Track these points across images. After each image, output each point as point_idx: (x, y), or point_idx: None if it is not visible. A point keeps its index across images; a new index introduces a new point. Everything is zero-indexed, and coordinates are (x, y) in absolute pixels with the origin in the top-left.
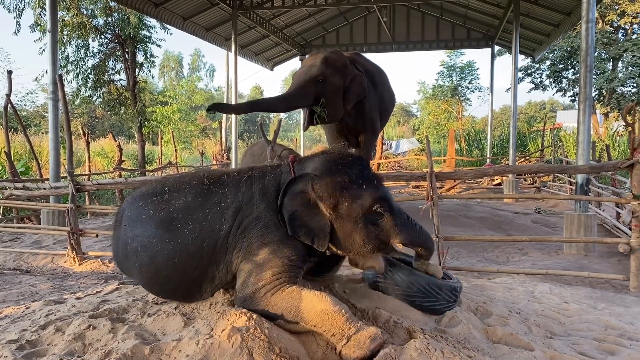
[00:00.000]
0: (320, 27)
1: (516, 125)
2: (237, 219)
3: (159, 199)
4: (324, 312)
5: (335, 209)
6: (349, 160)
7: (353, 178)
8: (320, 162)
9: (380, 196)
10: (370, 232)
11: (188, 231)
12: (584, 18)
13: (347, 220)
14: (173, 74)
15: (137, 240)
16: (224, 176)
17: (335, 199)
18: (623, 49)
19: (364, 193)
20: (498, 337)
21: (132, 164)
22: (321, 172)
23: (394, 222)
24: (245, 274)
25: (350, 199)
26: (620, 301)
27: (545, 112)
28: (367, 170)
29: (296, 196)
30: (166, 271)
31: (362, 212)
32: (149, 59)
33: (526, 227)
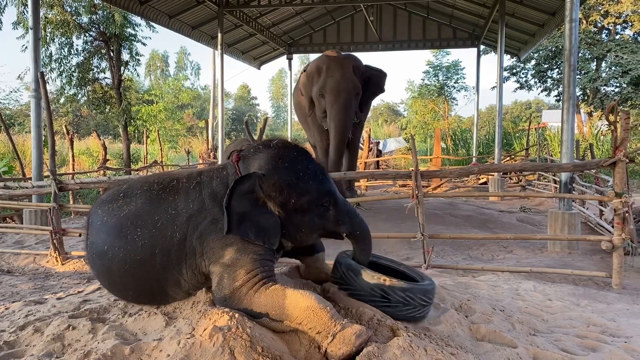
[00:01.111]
0: (307, 26)
1: (502, 125)
2: (190, 226)
3: (113, 205)
4: (309, 309)
5: (283, 207)
6: (295, 155)
7: (299, 174)
8: (266, 159)
9: (325, 191)
10: (317, 224)
11: (137, 238)
12: (568, 18)
13: (295, 216)
14: (159, 73)
15: (94, 247)
16: (174, 182)
17: (284, 197)
18: (606, 49)
19: (310, 189)
20: (482, 334)
21: (117, 163)
22: (267, 170)
23: (338, 214)
24: (217, 277)
25: (298, 195)
26: (602, 298)
27: (531, 111)
28: (312, 165)
29: (243, 197)
30: (121, 278)
31: (310, 206)
32: (135, 57)
33: (511, 225)
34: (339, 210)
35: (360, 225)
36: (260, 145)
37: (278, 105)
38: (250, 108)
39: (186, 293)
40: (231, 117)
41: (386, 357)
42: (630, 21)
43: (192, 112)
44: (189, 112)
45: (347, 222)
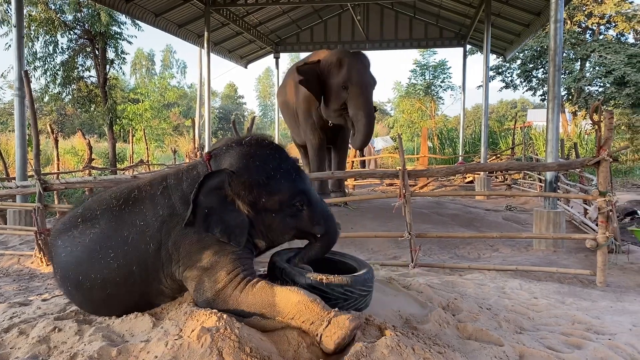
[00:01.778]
0: (294, 24)
1: (488, 124)
2: (163, 233)
3: (74, 232)
4: (301, 303)
5: (252, 206)
6: (267, 153)
7: (270, 173)
8: (237, 157)
9: (298, 190)
10: (289, 224)
11: (111, 260)
12: (553, 18)
13: (266, 216)
14: (145, 71)
15: (67, 280)
16: (134, 193)
17: (253, 196)
18: (590, 49)
19: (281, 188)
20: (469, 332)
21: (103, 162)
22: (237, 168)
23: (313, 214)
24: (195, 281)
25: (268, 194)
26: (587, 296)
27: (516, 110)
28: (285, 163)
29: (211, 192)
30: (105, 302)
31: (281, 206)
32: (120, 56)
33: (497, 224)
34: (314, 211)
35: (333, 228)
36: (233, 142)
37: (265, 104)
38: (237, 107)
39: (172, 298)
40: (218, 116)
41: (374, 356)
42: (614, 22)
43: (179, 110)
44: (176, 110)
45: (322, 224)
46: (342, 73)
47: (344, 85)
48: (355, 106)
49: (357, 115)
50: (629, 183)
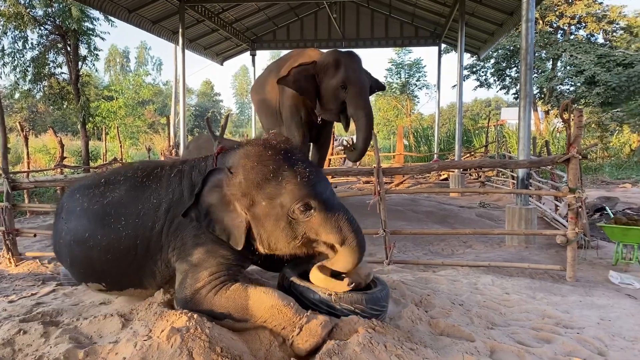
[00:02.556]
0: (270, 22)
1: (462, 122)
2: (168, 217)
3: (94, 191)
4: (273, 307)
5: (251, 209)
6: (269, 154)
7: (270, 175)
8: (239, 156)
9: (304, 194)
10: (294, 231)
11: (121, 227)
12: (524, 17)
13: (267, 220)
14: (119, 68)
15: (71, 233)
16: (158, 169)
17: (250, 199)
18: (562, 49)
19: (283, 191)
20: (441, 328)
21: (75, 160)
22: (236, 168)
23: (323, 222)
24: (181, 275)
25: (268, 198)
26: (557, 291)
27: (490, 109)
28: (292, 165)
29: (212, 190)
30: (101, 266)
31: (283, 211)
32: (93, 52)
33: (470, 221)
34: (326, 218)
35: (355, 240)
36: (245, 141)
37: (242, 101)
38: (214, 104)
39: (158, 286)
40: (194, 113)
41: (346, 354)
42: (584, 22)
43: (154, 108)
44: (150, 108)
45: (337, 233)
46: (340, 73)
47: (343, 85)
48: (356, 106)
49: (357, 114)
50: (598, 180)
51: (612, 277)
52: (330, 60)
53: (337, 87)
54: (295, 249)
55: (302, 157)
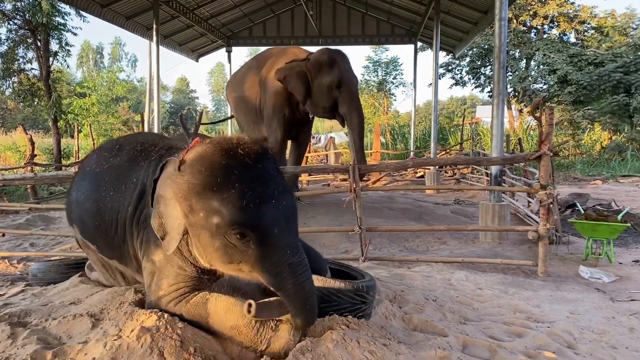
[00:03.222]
0: (246, 18)
1: (437, 120)
2: (140, 203)
3: (106, 154)
4: (233, 329)
5: (188, 215)
6: (225, 162)
7: (214, 187)
8: (194, 154)
9: (242, 220)
10: (231, 256)
11: (109, 197)
12: (497, 16)
13: (202, 233)
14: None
15: (75, 192)
16: (151, 146)
17: (189, 204)
18: (535, 48)
19: (222, 210)
20: (414, 324)
21: (47, 158)
22: (185, 167)
23: (258, 258)
24: (147, 277)
25: (206, 210)
26: (529, 286)
27: (466, 107)
28: (245, 180)
29: (164, 180)
30: (92, 231)
31: (218, 230)
32: (64, 48)
33: (445, 217)
34: (262, 255)
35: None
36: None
37: (219, 98)
38: (189, 101)
39: (135, 269)
40: (169, 110)
41: (319, 351)
42: (557, 22)
43: (128, 105)
44: (125, 105)
45: (273, 274)
46: (334, 72)
47: (338, 84)
48: (349, 105)
49: (351, 113)
50: (570, 177)
51: (582, 272)
52: (324, 59)
53: (331, 85)
54: (236, 272)
55: (267, 173)
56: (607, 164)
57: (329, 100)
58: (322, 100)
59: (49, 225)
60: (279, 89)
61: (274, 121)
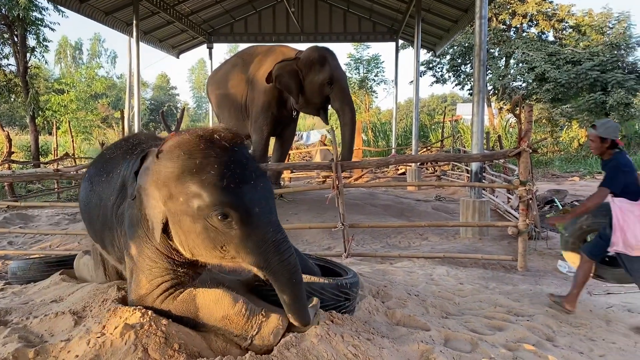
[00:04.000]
0: (227, 15)
1: (418, 117)
2: (119, 196)
3: (115, 144)
4: (225, 319)
5: (167, 202)
6: (203, 146)
7: (193, 170)
8: (171, 142)
9: (223, 200)
10: (214, 240)
11: (99, 190)
12: (478, 14)
13: (183, 219)
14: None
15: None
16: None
17: (168, 190)
18: (514, 46)
19: (202, 191)
20: (397, 319)
21: (24, 155)
22: (163, 154)
23: (243, 239)
24: (127, 274)
25: (186, 194)
26: (509, 280)
27: (447, 104)
28: (224, 163)
29: (145, 171)
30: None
31: (199, 213)
32: (42, 43)
33: (427, 214)
34: (247, 235)
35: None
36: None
37: (200, 95)
38: (170, 98)
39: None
40: (149, 107)
41: (304, 345)
42: (535, 20)
43: (107, 102)
44: (104, 101)
45: (257, 256)
46: (326, 69)
47: (330, 81)
48: (342, 101)
49: (343, 109)
50: (549, 173)
51: (560, 267)
52: (315, 57)
53: (323, 82)
54: (220, 260)
55: (243, 156)
56: (585, 160)
57: (320, 97)
58: (314, 97)
59: (28, 224)
60: (267, 87)
61: (260, 119)
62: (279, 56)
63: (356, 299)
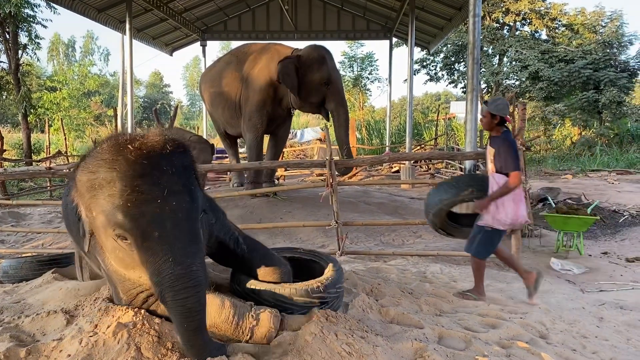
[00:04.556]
0: (221, 12)
1: (412, 115)
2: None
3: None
4: (213, 326)
5: (87, 214)
6: (114, 157)
7: (101, 184)
8: (95, 151)
9: (119, 220)
10: (125, 260)
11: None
12: (471, 12)
13: (97, 232)
14: (63, 58)
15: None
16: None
17: (84, 202)
18: (508, 45)
19: (105, 208)
20: (391, 316)
21: (16, 153)
22: (85, 161)
23: (143, 265)
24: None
25: (94, 209)
26: (502, 278)
27: (440, 102)
28: (132, 177)
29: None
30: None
31: (105, 231)
32: (34, 41)
33: (420, 212)
34: (143, 260)
35: (174, 303)
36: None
37: (193, 93)
38: (163, 96)
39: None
40: (142, 105)
41: (298, 344)
42: (529, 19)
43: (100, 99)
44: (97, 99)
45: (153, 284)
46: (324, 69)
47: (327, 82)
48: (337, 102)
49: (338, 110)
50: (541, 171)
51: (553, 264)
52: (315, 56)
53: (320, 82)
54: (139, 279)
55: (159, 170)
56: (577, 158)
57: (317, 96)
58: (311, 96)
59: (20, 222)
60: (263, 85)
61: (255, 117)
62: (274, 54)
63: (338, 298)
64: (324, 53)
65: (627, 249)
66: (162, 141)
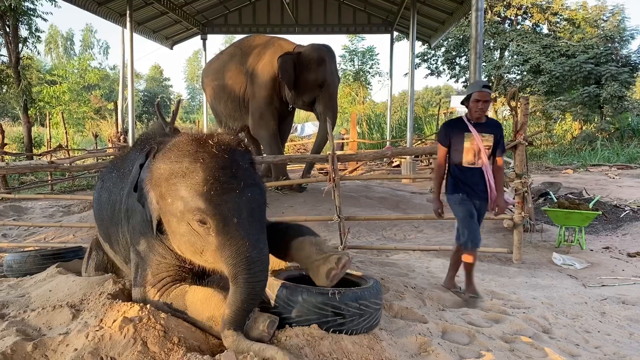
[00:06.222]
0: (222, 5)
1: (413, 110)
2: (129, 192)
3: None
4: (210, 319)
5: (159, 201)
6: (193, 150)
7: (181, 173)
8: (172, 142)
9: (202, 207)
10: (195, 243)
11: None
12: (474, 7)
13: (171, 219)
14: (62, 51)
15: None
16: (150, 140)
17: (160, 190)
18: (509, 38)
19: (185, 195)
20: (395, 311)
21: (17, 147)
22: (159, 154)
23: (219, 246)
24: (133, 267)
25: (172, 196)
26: (505, 273)
27: (441, 97)
28: (211, 169)
29: (145, 168)
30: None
31: (182, 216)
32: (34, 34)
33: (422, 206)
34: (223, 242)
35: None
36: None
37: (193, 87)
38: (163, 89)
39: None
40: (142, 98)
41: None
42: (530, 13)
43: (100, 93)
44: (97, 93)
45: (232, 264)
46: (320, 71)
47: (321, 84)
48: (325, 106)
49: (326, 115)
50: (542, 166)
51: (555, 259)
52: (314, 56)
53: (314, 83)
54: (203, 263)
55: (235, 163)
56: (578, 153)
57: (309, 96)
58: (304, 94)
59: (22, 216)
60: (268, 81)
61: (266, 114)
62: (277, 49)
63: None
64: (325, 55)
65: (629, 243)
66: (235, 139)
